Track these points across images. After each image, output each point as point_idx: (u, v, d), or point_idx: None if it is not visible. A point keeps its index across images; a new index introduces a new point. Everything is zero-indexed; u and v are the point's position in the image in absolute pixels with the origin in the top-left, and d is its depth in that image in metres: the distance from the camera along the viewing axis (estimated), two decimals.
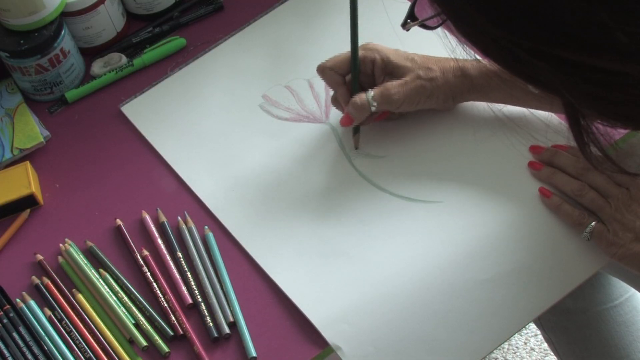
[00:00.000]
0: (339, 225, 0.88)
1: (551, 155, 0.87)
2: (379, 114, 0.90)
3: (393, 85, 0.87)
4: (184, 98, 1.01)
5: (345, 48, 0.89)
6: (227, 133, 0.97)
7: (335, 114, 0.95)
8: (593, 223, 0.81)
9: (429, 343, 0.79)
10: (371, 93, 0.87)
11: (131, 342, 0.84)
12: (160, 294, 0.86)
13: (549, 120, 0.89)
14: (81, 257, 0.89)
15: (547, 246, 0.83)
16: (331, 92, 0.97)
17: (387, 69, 0.89)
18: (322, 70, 0.90)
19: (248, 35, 1.05)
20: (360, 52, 0.88)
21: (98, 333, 0.84)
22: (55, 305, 0.86)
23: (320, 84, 0.98)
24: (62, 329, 0.85)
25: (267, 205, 0.90)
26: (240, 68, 1.02)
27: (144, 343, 0.83)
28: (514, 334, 0.78)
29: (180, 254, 0.88)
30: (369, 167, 0.91)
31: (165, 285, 0.86)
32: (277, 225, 0.89)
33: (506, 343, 1.56)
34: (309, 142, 0.94)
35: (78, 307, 0.86)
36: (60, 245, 0.90)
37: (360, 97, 0.87)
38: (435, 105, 0.90)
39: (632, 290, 1.10)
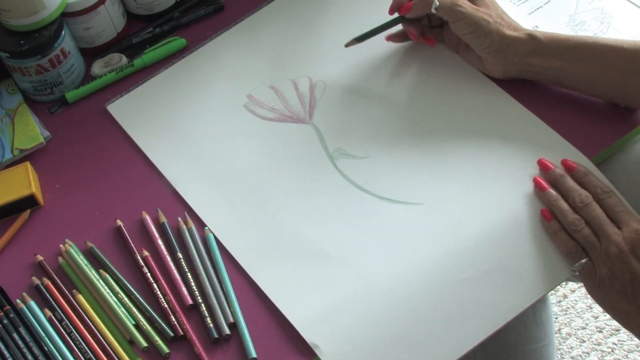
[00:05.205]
0: (320, 226, 0.88)
1: (558, 177, 0.85)
2: (426, 37, 0.96)
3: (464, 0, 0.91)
4: (168, 98, 1.01)
5: (333, 48, 0.88)
6: (211, 132, 0.97)
7: (319, 115, 0.96)
8: (584, 260, 0.80)
9: (406, 341, 0.79)
10: None
11: (131, 342, 0.84)
12: (160, 295, 0.86)
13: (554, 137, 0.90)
14: (81, 257, 0.89)
15: (527, 246, 0.83)
16: (315, 93, 0.97)
17: None
18: None
19: (233, 36, 1.05)
20: None
21: (98, 334, 0.84)
22: (56, 306, 0.86)
23: (304, 84, 0.99)
24: (62, 329, 0.85)
25: (249, 204, 0.90)
26: (225, 68, 1.02)
27: (144, 344, 0.83)
28: (492, 333, 0.79)
29: (180, 255, 0.88)
30: (351, 168, 0.91)
31: (165, 286, 0.86)
32: (259, 225, 0.89)
33: None
34: (292, 143, 0.94)
35: (78, 307, 0.86)
36: (61, 245, 0.90)
37: None
38: (484, 50, 0.91)
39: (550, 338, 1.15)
